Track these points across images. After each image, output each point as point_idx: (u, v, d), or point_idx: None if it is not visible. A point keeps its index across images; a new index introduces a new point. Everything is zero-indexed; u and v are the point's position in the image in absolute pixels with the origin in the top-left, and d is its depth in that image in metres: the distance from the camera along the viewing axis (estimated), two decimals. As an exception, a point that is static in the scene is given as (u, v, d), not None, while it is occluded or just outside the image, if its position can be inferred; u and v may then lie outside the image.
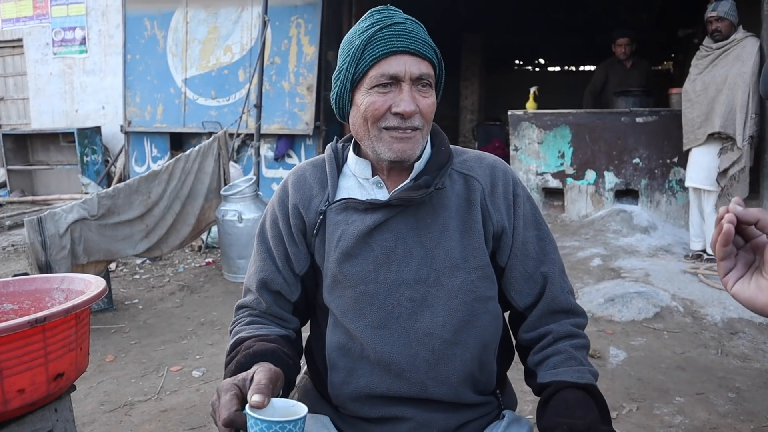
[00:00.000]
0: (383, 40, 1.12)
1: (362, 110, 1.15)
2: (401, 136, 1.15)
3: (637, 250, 5.13)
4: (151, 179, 4.45)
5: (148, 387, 3.08)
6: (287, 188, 1.30)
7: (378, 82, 1.13)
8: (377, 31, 1.13)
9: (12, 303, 1.78)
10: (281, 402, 0.98)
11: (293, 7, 7.18)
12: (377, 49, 1.12)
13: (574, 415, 1.07)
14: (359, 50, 1.13)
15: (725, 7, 4.52)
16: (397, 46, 1.11)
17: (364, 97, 1.14)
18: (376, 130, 1.16)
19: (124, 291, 4.71)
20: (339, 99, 1.20)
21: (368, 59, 1.12)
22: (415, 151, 1.18)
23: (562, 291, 1.25)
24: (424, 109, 1.15)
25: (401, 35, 1.12)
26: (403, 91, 1.13)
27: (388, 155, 1.17)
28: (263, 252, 1.30)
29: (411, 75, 1.13)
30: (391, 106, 1.13)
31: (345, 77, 1.16)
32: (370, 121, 1.15)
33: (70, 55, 8.97)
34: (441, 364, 1.18)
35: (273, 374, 1.03)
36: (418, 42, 1.13)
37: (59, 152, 8.96)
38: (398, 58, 1.12)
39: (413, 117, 1.14)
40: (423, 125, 1.17)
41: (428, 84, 1.16)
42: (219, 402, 0.98)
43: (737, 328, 3.60)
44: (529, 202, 1.28)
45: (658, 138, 5.73)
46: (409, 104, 1.12)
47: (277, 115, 7.24)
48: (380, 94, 1.13)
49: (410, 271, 1.19)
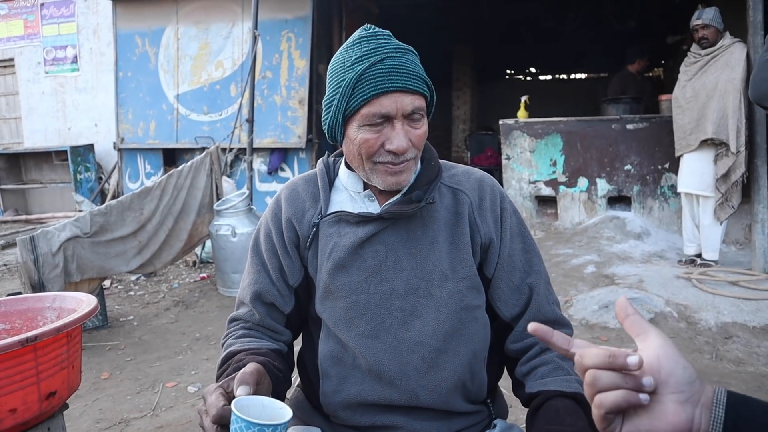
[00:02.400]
0: (374, 80, 1.11)
1: (356, 145, 1.16)
2: (394, 170, 1.17)
3: (631, 257, 5.15)
4: (144, 196, 4.45)
5: (144, 403, 3.07)
6: (280, 202, 1.32)
7: (370, 121, 1.13)
8: (367, 69, 1.11)
9: (4, 323, 1.78)
10: (269, 401, 0.98)
11: (284, 21, 7.22)
12: (368, 90, 1.11)
13: (564, 423, 1.08)
14: (349, 88, 1.12)
15: (710, 14, 4.58)
16: (389, 86, 1.11)
17: (357, 133, 1.15)
18: (370, 164, 1.18)
19: (119, 308, 4.70)
20: (331, 129, 1.20)
21: (359, 98, 1.12)
22: (409, 179, 1.21)
23: (548, 302, 1.26)
24: (415, 140, 1.17)
25: (392, 73, 1.11)
26: (395, 129, 1.14)
27: (382, 186, 1.20)
28: (257, 265, 1.32)
29: (404, 112, 1.13)
30: (384, 143, 1.14)
31: (336, 111, 1.16)
32: (364, 156, 1.17)
33: (61, 73, 8.99)
34: (431, 372, 1.19)
35: (258, 368, 1.04)
36: (409, 78, 1.12)
37: (52, 170, 8.95)
38: (390, 97, 1.11)
39: (407, 152, 1.16)
40: (416, 154, 1.19)
41: (420, 116, 1.17)
42: (206, 403, 0.99)
43: (731, 333, 3.61)
44: (515, 216, 1.31)
45: (650, 144, 5.77)
46: (401, 141, 1.13)
47: (269, 128, 7.25)
48: (372, 132, 1.14)
49: (401, 282, 1.21)
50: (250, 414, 0.92)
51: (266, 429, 0.89)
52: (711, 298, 4.03)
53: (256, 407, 0.96)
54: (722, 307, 3.88)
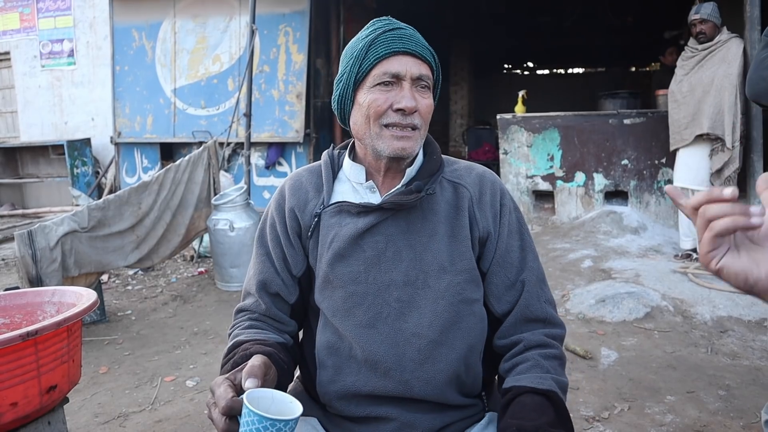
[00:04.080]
0: (386, 42, 1.18)
1: (365, 108, 1.20)
2: (401, 134, 1.19)
3: (628, 251, 5.16)
4: (142, 190, 4.45)
5: (142, 398, 3.08)
6: (284, 192, 1.35)
7: (380, 80, 1.18)
8: (380, 35, 1.19)
9: (3, 317, 1.79)
10: (280, 395, 0.99)
11: (281, 16, 7.21)
12: (380, 49, 1.18)
13: (526, 417, 1.09)
14: (363, 51, 1.19)
15: (708, 9, 4.59)
16: (399, 47, 1.18)
17: (367, 95, 1.19)
18: (378, 128, 1.20)
19: (117, 302, 4.70)
20: (341, 100, 1.24)
21: (371, 59, 1.18)
22: (414, 149, 1.22)
23: (538, 300, 1.27)
24: (422, 109, 1.20)
25: (403, 38, 1.19)
26: (404, 89, 1.18)
27: (387, 152, 1.21)
28: (262, 255, 1.34)
29: (411, 75, 1.18)
30: (392, 104, 1.18)
31: (348, 77, 1.21)
32: (372, 117, 1.20)
33: (58, 67, 8.95)
34: (427, 363, 1.20)
35: (265, 361, 1.06)
36: (418, 45, 1.20)
37: (49, 165, 8.93)
38: (400, 59, 1.18)
39: (413, 114, 1.19)
40: (421, 125, 1.22)
41: (427, 86, 1.21)
42: (214, 395, 1.00)
43: (727, 327, 3.64)
44: (515, 213, 1.32)
45: (646, 139, 5.78)
46: (410, 101, 1.17)
47: (267, 123, 7.25)
48: (383, 92, 1.18)
49: (399, 273, 1.23)
50: (259, 406, 0.93)
51: (278, 423, 0.90)
52: (707, 293, 4.05)
53: (265, 400, 0.97)
54: (718, 301, 3.90)
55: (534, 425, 1.06)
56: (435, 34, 10.50)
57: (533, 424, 1.07)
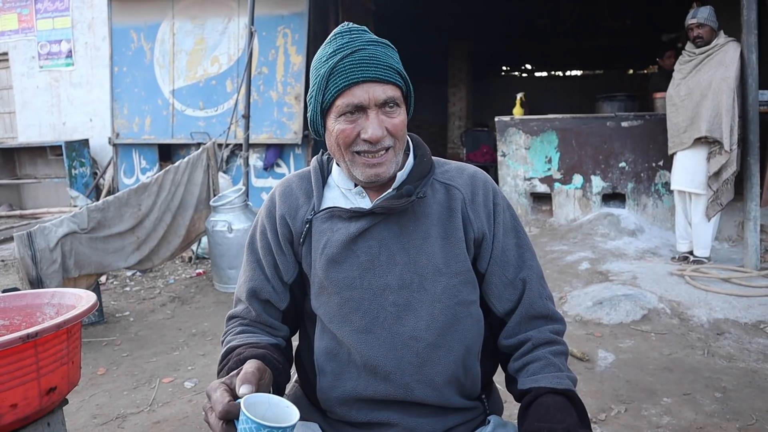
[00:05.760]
0: (345, 71, 1.14)
1: (334, 136, 1.19)
2: (372, 161, 1.19)
3: (625, 253, 5.18)
4: (141, 191, 4.46)
5: (141, 399, 3.08)
6: (275, 199, 1.35)
7: (344, 111, 1.16)
8: (339, 62, 1.15)
9: (3, 319, 1.80)
10: (276, 399, 0.99)
11: (280, 17, 7.21)
12: (339, 81, 1.15)
13: (554, 419, 1.09)
14: (324, 81, 1.16)
15: (704, 13, 4.60)
16: (359, 76, 1.14)
17: (334, 124, 1.18)
18: (350, 155, 1.20)
19: (115, 303, 4.71)
20: (313, 123, 1.24)
21: (333, 90, 1.16)
22: (389, 171, 1.21)
23: (540, 297, 1.28)
24: (392, 128, 1.18)
25: (362, 64, 1.15)
26: (369, 118, 1.16)
27: (362, 178, 1.21)
28: (253, 262, 1.34)
29: (376, 101, 1.16)
30: (359, 132, 1.17)
31: (315, 105, 1.20)
32: (342, 147, 1.19)
33: (56, 68, 8.95)
34: (425, 366, 1.21)
35: (259, 366, 1.06)
36: (379, 68, 1.15)
37: (47, 165, 8.93)
38: (361, 87, 1.15)
39: (383, 140, 1.18)
40: (394, 143, 1.20)
41: (395, 105, 1.19)
42: (210, 400, 1.00)
43: (723, 329, 3.65)
44: (509, 211, 1.32)
45: (644, 142, 5.80)
46: (375, 130, 1.15)
47: (265, 124, 7.25)
48: (348, 122, 1.17)
49: (394, 277, 1.23)
50: (256, 412, 0.92)
51: (275, 431, 0.90)
52: (703, 295, 4.07)
53: (262, 405, 0.96)
54: (714, 304, 3.92)
55: (564, 427, 1.07)
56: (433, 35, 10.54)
57: (563, 426, 1.07)
